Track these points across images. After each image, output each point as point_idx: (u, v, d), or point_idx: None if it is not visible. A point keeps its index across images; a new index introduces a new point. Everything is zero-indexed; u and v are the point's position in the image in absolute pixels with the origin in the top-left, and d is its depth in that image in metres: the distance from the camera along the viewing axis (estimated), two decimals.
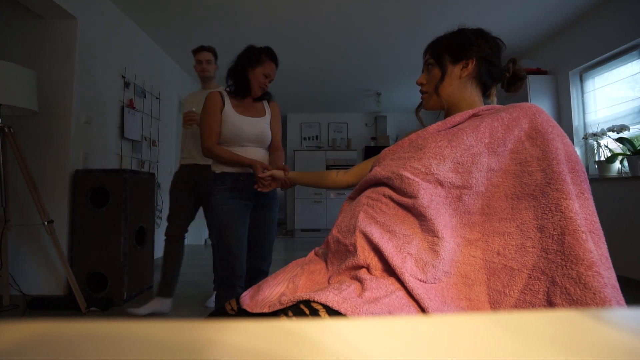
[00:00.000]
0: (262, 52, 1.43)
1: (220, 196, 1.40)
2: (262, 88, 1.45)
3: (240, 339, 0.14)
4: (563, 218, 0.52)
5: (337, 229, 0.74)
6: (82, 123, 2.37)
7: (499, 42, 0.79)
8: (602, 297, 0.46)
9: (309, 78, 4.37)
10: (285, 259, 3.62)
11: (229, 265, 1.37)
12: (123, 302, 2.14)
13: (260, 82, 1.43)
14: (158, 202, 3.30)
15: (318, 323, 0.16)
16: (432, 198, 0.63)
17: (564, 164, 0.57)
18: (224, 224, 1.38)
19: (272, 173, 1.24)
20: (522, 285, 0.53)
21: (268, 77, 1.44)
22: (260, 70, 1.41)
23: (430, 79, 0.81)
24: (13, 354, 0.13)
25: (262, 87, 1.44)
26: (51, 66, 2.27)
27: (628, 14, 2.56)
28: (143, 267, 2.42)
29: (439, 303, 0.55)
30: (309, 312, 0.53)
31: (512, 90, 0.80)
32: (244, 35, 3.10)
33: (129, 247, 2.20)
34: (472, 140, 0.64)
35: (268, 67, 1.42)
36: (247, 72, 1.42)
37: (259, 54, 1.43)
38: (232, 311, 0.73)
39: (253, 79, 1.42)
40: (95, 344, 0.14)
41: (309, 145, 6.04)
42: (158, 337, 0.14)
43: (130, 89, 2.92)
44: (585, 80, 3.10)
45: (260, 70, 1.41)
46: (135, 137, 2.95)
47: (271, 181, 1.25)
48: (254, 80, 1.42)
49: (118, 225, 2.17)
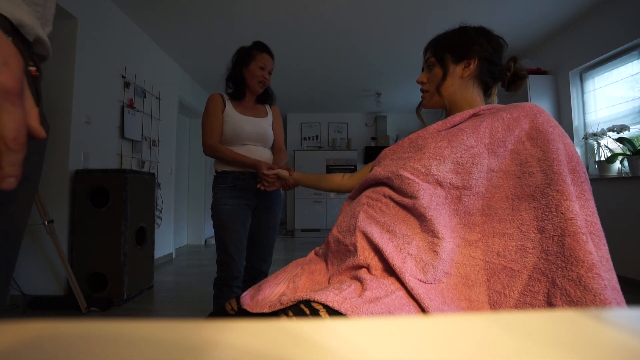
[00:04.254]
0: (251, 47, 1.44)
1: (220, 195, 1.39)
2: (261, 82, 1.43)
3: (241, 339, 0.14)
4: (563, 219, 0.52)
5: (338, 229, 0.74)
6: (82, 123, 2.37)
7: (500, 41, 0.78)
8: (602, 299, 0.46)
9: (309, 78, 4.37)
10: (285, 259, 3.62)
11: (225, 266, 1.37)
12: (123, 302, 2.14)
13: (258, 76, 1.42)
14: (158, 202, 3.30)
15: (318, 323, 0.16)
16: (432, 199, 0.63)
17: (564, 164, 0.56)
18: (222, 224, 1.38)
19: (278, 172, 1.24)
20: (522, 287, 0.53)
21: (264, 68, 1.42)
22: (254, 65, 1.41)
23: (431, 78, 0.81)
24: (13, 354, 0.13)
25: (260, 82, 1.43)
26: (51, 66, 2.27)
27: (628, 14, 2.56)
28: (143, 267, 2.42)
29: (440, 303, 0.54)
30: (309, 312, 0.53)
31: (513, 89, 0.80)
32: (244, 35, 3.09)
33: (129, 247, 2.20)
34: (472, 140, 0.64)
35: (261, 59, 1.41)
36: (242, 71, 1.43)
37: (249, 50, 1.44)
38: (232, 311, 0.73)
39: (249, 75, 1.42)
40: (95, 344, 0.14)
41: (309, 145, 6.04)
42: (158, 337, 0.14)
43: (130, 89, 2.92)
44: (585, 80, 3.10)
45: (254, 64, 1.41)
46: (135, 137, 2.95)
47: (275, 180, 1.25)
48: (250, 76, 1.42)
49: (118, 225, 2.17)
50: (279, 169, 1.26)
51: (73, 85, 2.28)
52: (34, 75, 0.48)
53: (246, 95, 1.47)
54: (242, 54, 1.44)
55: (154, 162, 3.35)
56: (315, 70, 4.12)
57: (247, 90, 1.46)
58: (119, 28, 2.77)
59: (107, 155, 2.64)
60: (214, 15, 2.85)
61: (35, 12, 0.50)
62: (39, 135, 0.32)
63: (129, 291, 2.19)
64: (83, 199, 2.20)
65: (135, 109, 2.97)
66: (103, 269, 2.15)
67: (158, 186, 3.27)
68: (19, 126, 0.29)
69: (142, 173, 2.44)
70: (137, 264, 2.32)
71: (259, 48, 1.43)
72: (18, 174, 0.29)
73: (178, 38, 3.25)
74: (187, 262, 3.62)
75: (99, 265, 2.16)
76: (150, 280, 2.52)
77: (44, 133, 0.33)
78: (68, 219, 2.22)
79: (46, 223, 1.92)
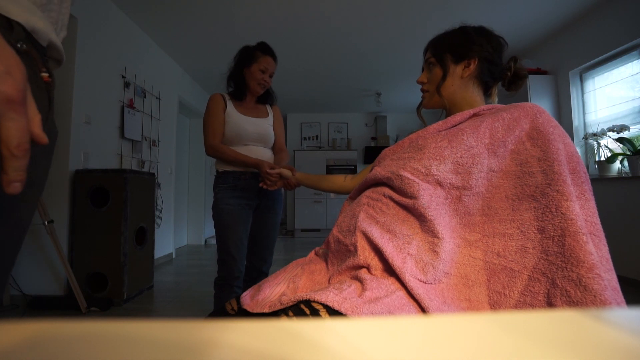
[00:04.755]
0: (255, 48, 1.43)
1: (222, 195, 1.39)
2: (261, 84, 1.43)
3: (241, 339, 0.14)
4: (564, 220, 0.52)
5: (338, 229, 0.74)
6: (82, 123, 2.37)
7: (501, 41, 0.78)
8: (602, 300, 0.46)
9: (309, 78, 4.37)
10: (285, 259, 3.62)
11: (226, 266, 1.37)
12: (123, 302, 2.14)
13: (258, 79, 1.41)
14: (158, 202, 3.30)
15: (318, 323, 0.16)
16: (432, 199, 0.63)
17: (564, 165, 0.56)
18: (223, 223, 1.37)
19: (280, 171, 1.24)
20: (522, 287, 0.53)
21: (265, 71, 1.41)
22: (256, 67, 1.40)
23: (432, 78, 0.81)
24: (13, 354, 0.13)
25: (260, 84, 1.43)
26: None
27: (628, 14, 2.56)
28: (143, 267, 2.42)
29: (440, 303, 0.54)
30: (309, 312, 0.53)
31: (513, 88, 0.80)
32: (244, 36, 3.10)
33: (129, 247, 2.20)
34: (472, 140, 0.64)
35: (263, 61, 1.40)
36: (244, 72, 1.42)
37: (252, 51, 1.42)
38: (232, 311, 0.73)
39: (250, 77, 1.42)
40: (95, 344, 0.14)
41: (309, 145, 6.04)
42: (158, 337, 0.14)
43: (130, 89, 2.92)
44: (585, 80, 3.10)
45: (256, 67, 1.40)
46: (135, 137, 2.95)
47: (278, 179, 1.25)
48: (250, 78, 1.42)
49: (118, 225, 2.17)
50: (281, 168, 1.26)
51: (73, 85, 2.28)
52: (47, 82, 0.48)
53: (247, 96, 1.47)
54: (245, 53, 1.43)
55: (154, 162, 3.35)
56: (316, 70, 4.12)
57: (247, 91, 1.46)
58: (119, 28, 2.77)
59: (107, 155, 2.64)
60: (214, 15, 2.85)
61: (50, 17, 0.50)
62: (41, 142, 0.34)
63: (129, 291, 2.19)
64: (83, 199, 2.20)
65: (135, 109, 2.97)
66: (103, 269, 2.15)
67: (158, 186, 3.27)
68: (22, 133, 0.30)
69: (142, 173, 2.44)
70: (137, 264, 2.32)
71: (263, 50, 1.42)
72: (23, 178, 0.31)
73: (178, 38, 3.25)
74: (187, 262, 3.62)
75: (99, 265, 2.16)
76: (150, 280, 2.52)
77: (46, 139, 0.34)
78: (68, 219, 2.22)
79: (46, 223, 1.92)
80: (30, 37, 0.46)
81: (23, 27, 0.44)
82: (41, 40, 0.48)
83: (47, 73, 0.48)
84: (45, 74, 0.48)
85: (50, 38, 0.49)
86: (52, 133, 0.54)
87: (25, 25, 0.44)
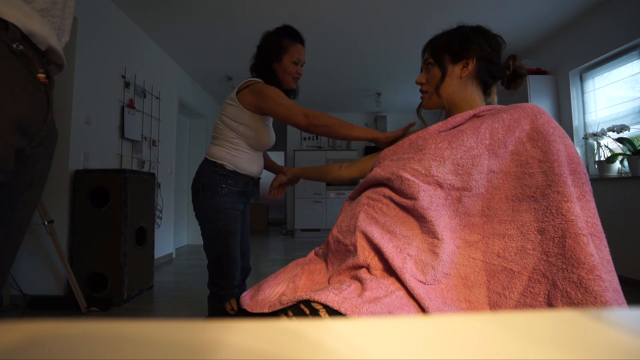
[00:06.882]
0: (282, 35, 1.23)
1: (231, 199, 1.26)
2: (295, 78, 1.27)
3: (241, 339, 0.14)
4: (564, 221, 0.52)
5: (338, 229, 0.74)
6: (82, 123, 2.37)
7: (499, 40, 0.78)
8: (603, 301, 0.46)
9: (309, 78, 4.37)
10: (285, 259, 3.62)
11: (229, 275, 1.27)
12: (123, 302, 2.14)
13: (292, 72, 1.24)
14: (158, 202, 3.30)
15: (318, 323, 0.16)
16: (432, 200, 0.63)
17: (565, 165, 0.56)
18: (230, 229, 1.26)
19: (281, 181, 1.25)
20: (522, 288, 0.53)
21: (298, 62, 1.24)
22: (288, 60, 1.22)
23: (430, 79, 0.81)
24: (13, 354, 0.13)
25: (295, 78, 1.27)
26: None
27: (628, 14, 2.56)
28: (143, 267, 2.42)
29: (440, 304, 0.54)
30: (309, 312, 0.53)
31: (513, 87, 0.80)
32: (244, 36, 3.09)
33: (129, 247, 2.20)
34: (472, 141, 0.64)
35: (295, 51, 1.22)
36: (274, 68, 1.24)
37: (279, 39, 1.22)
38: (232, 311, 0.73)
39: (282, 72, 1.23)
40: (95, 344, 0.14)
41: (309, 145, 6.04)
42: (158, 337, 0.14)
43: (130, 89, 2.92)
44: (585, 80, 3.10)
45: (288, 59, 1.22)
46: (135, 137, 2.95)
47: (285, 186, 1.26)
48: (283, 73, 1.23)
49: (118, 225, 2.17)
50: (279, 177, 1.26)
51: (73, 85, 2.28)
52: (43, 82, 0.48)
53: None
54: (271, 44, 1.23)
55: (154, 162, 3.35)
56: (316, 70, 4.11)
57: (280, 88, 1.27)
58: (119, 28, 2.77)
59: (107, 155, 2.64)
60: (214, 15, 2.85)
61: (52, 23, 0.50)
62: None
63: (129, 291, 2.19)
64: (83, 199, 2.20)
65: (135, 109, 2.97)
66: (103, 269, 2.15)
67: (158, 186, 3.27)
68: None
69: (142, 173, 2.44)
70: (137, 264, 2.32)
71: (292, 36, 1.22)
72: None
73: (178, 38, 3.25)
74: (187, 262, 3.62)
75: (99, 265, 2.16)
76: (150, 280, 2.52)
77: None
78: (68, 219, 2.22)
79: (46, 223, 1.92)
80: (27, 39, 0.46)
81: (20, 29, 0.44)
82: (39, 44, 0.48)
83: (44, 74, 0.48)
84: (41, 75, 0.48)
85: (50, 43, 0.49)
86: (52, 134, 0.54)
87: (22, 28, 0.44)
